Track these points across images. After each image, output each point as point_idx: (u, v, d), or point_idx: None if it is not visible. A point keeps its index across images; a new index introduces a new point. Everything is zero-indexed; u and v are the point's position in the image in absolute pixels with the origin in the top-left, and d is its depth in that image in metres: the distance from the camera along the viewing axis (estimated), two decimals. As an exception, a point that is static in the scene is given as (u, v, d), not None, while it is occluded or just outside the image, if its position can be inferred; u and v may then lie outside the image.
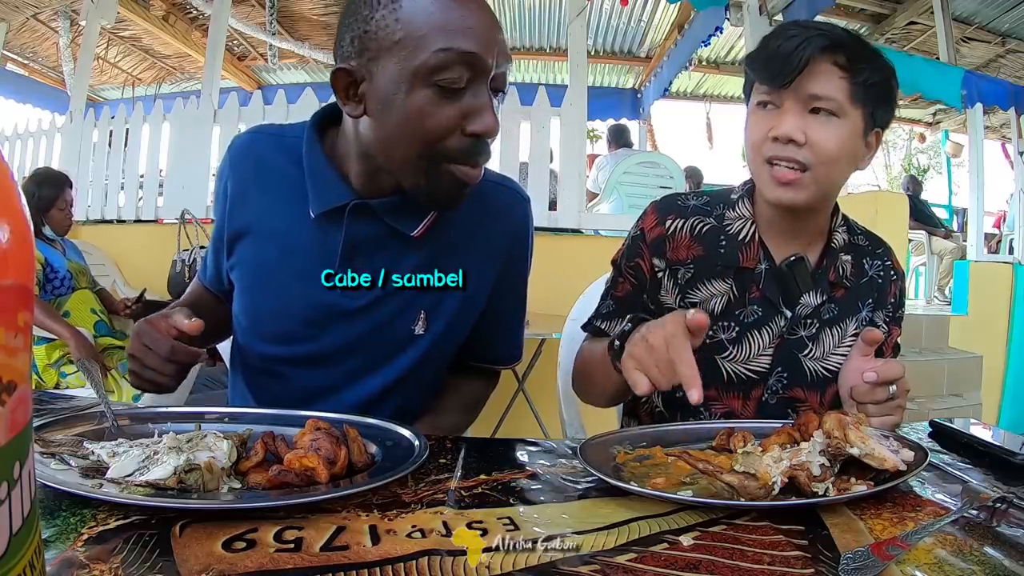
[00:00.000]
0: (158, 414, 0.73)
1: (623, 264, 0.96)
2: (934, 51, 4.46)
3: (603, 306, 0.97)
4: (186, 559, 0.44)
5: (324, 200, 0.79)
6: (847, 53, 0.79)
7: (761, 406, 0.90)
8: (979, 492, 0.60)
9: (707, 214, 0.92)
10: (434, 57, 0.68)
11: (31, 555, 0.28)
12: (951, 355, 3.21)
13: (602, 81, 6.76)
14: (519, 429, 2.49)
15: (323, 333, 0.84)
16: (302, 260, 0.82)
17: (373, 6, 0.70)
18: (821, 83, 0.79)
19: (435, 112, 0.70)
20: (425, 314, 0.84)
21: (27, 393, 0.27)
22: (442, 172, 0.73)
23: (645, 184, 3.46)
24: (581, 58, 3.26)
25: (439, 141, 0.71)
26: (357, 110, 0.73)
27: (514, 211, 0.90)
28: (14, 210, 0.26)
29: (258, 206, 0.85)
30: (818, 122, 0.80)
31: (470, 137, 0.72)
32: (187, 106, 3.35)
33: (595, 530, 0.51)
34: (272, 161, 0.85)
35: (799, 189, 0.81)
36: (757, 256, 0.89)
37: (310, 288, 0.82)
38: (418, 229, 0.81)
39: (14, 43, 5.72)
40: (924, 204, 5.71)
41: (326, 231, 0.81)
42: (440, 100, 0.70)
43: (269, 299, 0.85)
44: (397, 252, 0.82)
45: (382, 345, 0.85)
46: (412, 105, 0.70)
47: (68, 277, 2.38)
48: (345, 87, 0.73)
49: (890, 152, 12.58)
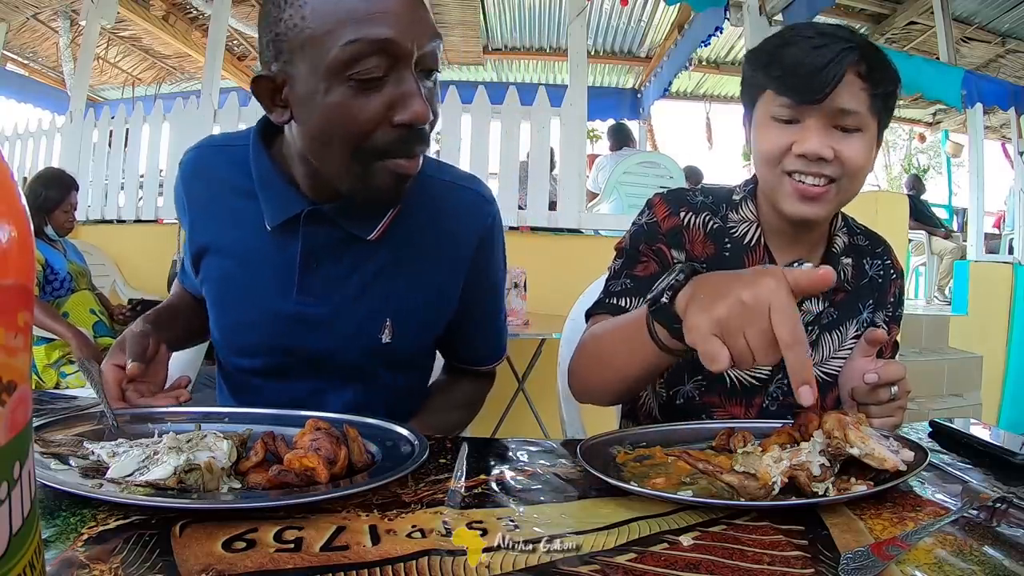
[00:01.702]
0: (158, 414, 0.73)
1: (642, 247, 0.88)
2: (934, 51, 4.47)
3: (615, 285, 0.88)
4: (186, 559, 0.44)
5: (277, 212, 0.77)
6: (868, 62, 0.76)
7: (762, 413, 0.89)
8: (979, 492, 0.60)
9: (714, 212, 0.90)
10: (344, 51, 0.64)
11: (31, 555, 0.28)
12: (951, 355, 3.21)
13: (602, 81, 6.75)
14: (519, 429, 2.49)
15: (289, 345, 0.83)
16: (262, 272, 0.81)
17: (281, 5, 0.67)
18: (846, 97, 0.75)
19: (356, 108, 0.66)
20: (391, 322, 0.82)
21: (27, 393, 0.27)
22: (376, 170, 0.70)
23: (645, 184, 3.45)
24: (581, 58, 3.26)
25: (367, 138, 0.67)
26: (283, 116, 0.71)
27: (479, 212, 0.86)
28: (15, 210, 0.26)
29: (215, 223, 0.84)
30: (845, 138, 0.77)
31: (399, 128, 0.68)
32: (187, 106, 3.35)
33: (595, 530, 0.51)
34: (222, 173, 0.83)
35: (824, 204, 0.79)
36: (762, 262, 0.87)
37: (272, 300, 0.81)
38: (375, 232, 0.79)
39: (14, 43, 5.72)
40: (924, 204, 5.71)
41: (284, 241, 0.79)
42: (359, 94, 0.66)
43: (235, 313, 0.84)
44: (357, 257, 0.80)
45: (349, 355, 0.83)
46: (331, 104, 0.66)
47: (68, 279, 2.38)
48: (269, 94, 0.70)
49: (890, 152, 12.59)
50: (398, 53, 0.66)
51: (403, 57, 0.66)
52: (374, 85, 0.66)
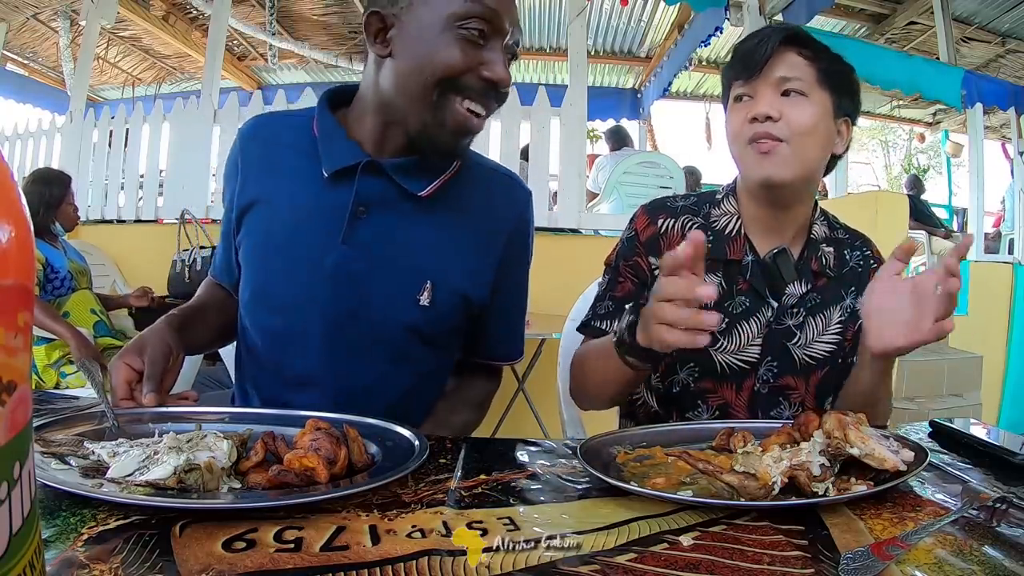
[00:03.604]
0: (158, 414, 0.73)
1: (620, 265, 0.98)
2: (934, 51, 4.47)
3: (600, 307, 0.98)
4: (186, 559, 0.44)
5: (336, 160, 0.82)
6: (807, 45, 0.88)
7: (754, 396, 0.93)
8: (979, 492, 0.60)
9: (695, 213, 0.96)
10: (462, 7, 0.75)
11: (31, 555, 0.28)
12: (951, 355, 3.20)
13: (602, 81, 6.75)
14: (519, 429, 2.50)
15: (325, 301, 0.83)
16: (312, 221, 0.83)
17: None
18: (787, 67, 0.87)
19: (459, 51, 0.76)
20: (431, 285, 0.84)
21: (27, 393, 0.27)
22: (449, 107, 0.78)
23: (645, 184, 3.45)
24: (581, 58, 3.26)
25: (458, 75, 0.77)
26: (384, 51, 0.80)
27: (517, 199, 0.94)
28: (14, 210, 0.26)
29: (270, 177, 0.87)
30: (790, 102, 0.86)
31: (484, 81, 0.78)
32: (187, 106, 3.34)
33: (595, 530, 0.51)
34: (282, 137, 0.89)
35: (779, 162, 0.85)
36: (743, 249, 0.93)
37: (317, 249, 0.82)
38: (428, 189, 0.84)
39: (14, 43, 5.72)
40: (924, 204, 5.71)
41: (337, 192, 0.82)
42: (464, 44, 0.77)
43: (276, 261, 0.85)
44: (406, 213, 0.84)
45: (385, 316, 0.84)
46: (437, 44, 0.76)
47: (69, 277, 2.38)
48: (375, 31, 0.80)
49: (890, 152, 12.58)
50: (498, 25, 0.78)
51: (500, 31, 0.78)
52: (474, 43, 0.77)
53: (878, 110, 7.06)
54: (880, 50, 4.09)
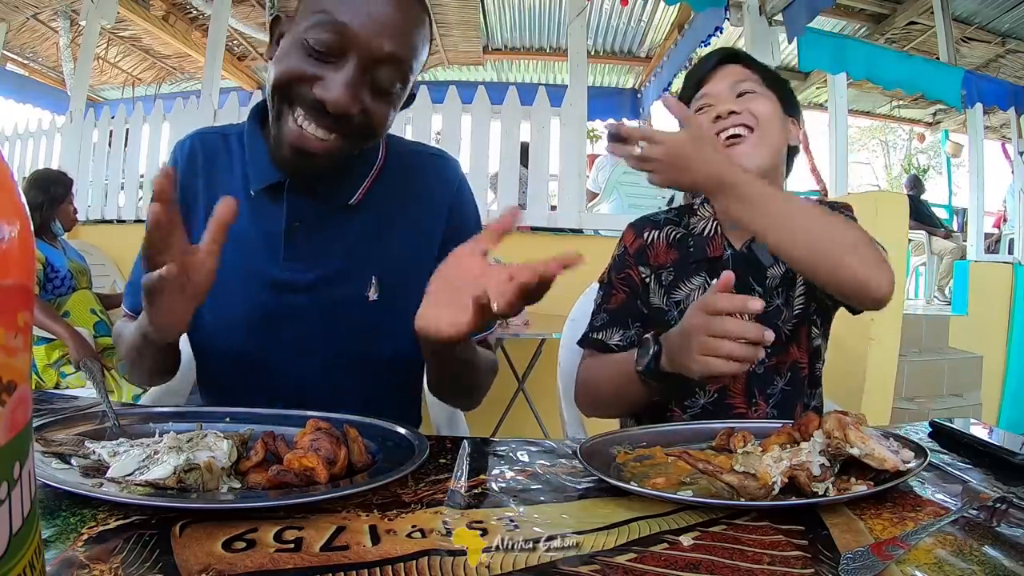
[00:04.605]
0: (159, 414, 0.73)
1: (613, 278, 1.05)
2: (934, 51, 4.46)
3: (596, 320, 1.04)
4: (186, 559, 0.44)
5: (260, 178, 0.82)
6: (746, 60, 1.01)
7: (751, 377, 0.96)
8: (979, 492, 0.60)
9: (677, 224, 1.05)
10: (311, 18, 0.72)
11: (31, 555, 0.28)
12: (951, 355, 3.21)
13: (602, 81, 6.75)
14: (519, 429, 2.50)
15: (277, 314, 0.83)
16: (249, 241, 0.83)
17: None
18: (735, 75, 0.98)
19: (293, 61, 0.73)
20: (376, 280, 0.85)
21: (27, 393, 0.27)
22: (284, 120, 0.76)
23: (645, 184, 3.41)
24: (581, 58, 3.26)
25: (288, 85, 0.74)
26: (270, 53, 0.79)
27: (449, 175, 0.94)
28: (15, 210, 0.26)
29: (207, 198, 0.86)
30: (747, 98, 0.96)
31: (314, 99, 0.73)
32: (187, 106, 3.35)
33: (595, 530, 0.51)
34: (218, 155, 0.88)
35: (749, 149, 0.92)
36: (722, 246, 1.00)
37: (260, 267, 0.83)
38: (355, 197, 0.84)
39: (14, 43, 5.72)
40: (924, 204, 5.71)
41: (270, 211, 0.83)
42: (301, 55, 0.73)
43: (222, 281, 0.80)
44: (339, 223, 0.85)
45: (337, 314, 0.84)
46: (288, 52, 0.74)
47: (69, 277, 2.38)
48: (277, 36, 0.79)
49: (890, 152, 12.59)
50: (349, 42, 0.71)
51: (352, 48, 0.72)
52: (320, 57, 0.72)
53: (878, 110, 7.06)
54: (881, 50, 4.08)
